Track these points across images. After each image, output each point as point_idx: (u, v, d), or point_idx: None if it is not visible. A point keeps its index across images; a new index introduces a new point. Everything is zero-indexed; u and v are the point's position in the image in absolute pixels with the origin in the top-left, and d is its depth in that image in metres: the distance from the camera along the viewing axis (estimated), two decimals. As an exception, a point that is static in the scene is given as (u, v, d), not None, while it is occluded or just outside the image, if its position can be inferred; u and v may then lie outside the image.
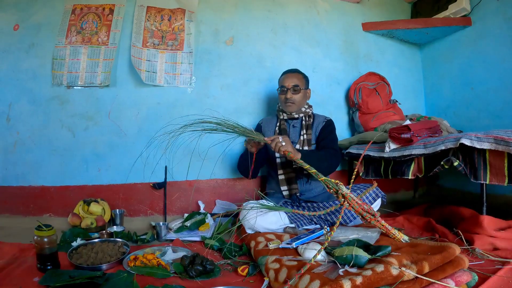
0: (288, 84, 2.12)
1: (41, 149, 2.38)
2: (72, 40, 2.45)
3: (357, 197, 1.58)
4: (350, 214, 1.86)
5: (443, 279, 1.16)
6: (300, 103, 2.15)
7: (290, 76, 2.15)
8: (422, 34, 2.90)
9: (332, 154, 2.01)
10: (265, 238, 1.71)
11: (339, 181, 1.57)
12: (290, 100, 2.12)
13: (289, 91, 2.11)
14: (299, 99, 2.13)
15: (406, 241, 1.51)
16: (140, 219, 2.44)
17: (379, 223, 1.55)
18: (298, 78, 2.15)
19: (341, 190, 1.53)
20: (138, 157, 2.39)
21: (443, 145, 1.77)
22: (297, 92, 2.12)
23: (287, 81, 2.13)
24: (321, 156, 1.94)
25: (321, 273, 1.18)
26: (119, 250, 1.65)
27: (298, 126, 2.20)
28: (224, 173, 2.60)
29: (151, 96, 2.49)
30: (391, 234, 1.54)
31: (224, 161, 2.56)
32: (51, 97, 2.40)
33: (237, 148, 2.51)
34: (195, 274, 1.40)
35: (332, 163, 1.99)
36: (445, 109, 2.92)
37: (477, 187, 2.48)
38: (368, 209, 1.56)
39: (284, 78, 2.17)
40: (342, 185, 1.54)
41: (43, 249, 1.44)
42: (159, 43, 2.52)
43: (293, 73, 2.18)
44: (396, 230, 1.55)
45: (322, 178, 1.59)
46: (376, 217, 1.55)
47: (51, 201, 2.36)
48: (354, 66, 2.94)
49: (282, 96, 2.15)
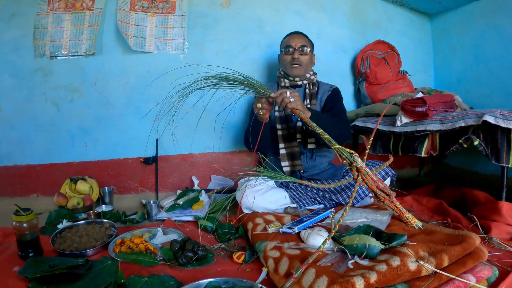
0: (295, 44, 1.93)
1: (25, 125, 2.25)
2: (54, 7, 2.25)
3: (372, 172, 1.41)
4: (357, 194, 1.71)
5: (462, 274, 1.03)
6: (306, 66, 1.97)
7: (296, 37, 1.97)
8: (435, 2, 2.71)
9: (344, 124, 1.83)
10: (264, 220, 1.58)
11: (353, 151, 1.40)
12: (297, 61, 1.92)
13: (296, 51, 1.92)
14: (306, 61, 1.95)
15: (419, 228, 1.38)
16: (130, 196, 2.34)
17: (393, 205, 1.40)
18: (305, 39, 1.98)
19: (355, 162, 1.36)
20: (128, 130, 2.28)
21: (463, 122, 1.60)
22: (305, 53, 1.94)
23: (294, 41, 1.95)
24: (332, 122, 1.72)
25: (328, 267, 1.03)
26: (106, 232, 1.56)
27: (301, 95, 2.00)
28: (220, 146, 2.45)
29: (140, 64, 2.32)
30: (404, 218, 1.40)
31: (220, 133, 2.40)
32: (34, 69, 2.25)
33: (235, 119, 2.39)
34: (185, 262, 1.28)
35: (343, 133, 1.78)
36: (456, 84, 2.78)
37: (487, 168, 2.43)
38: (384, 187, 1.40)
39: (290, 38, 1.99)
40: (358, 157, 1.37)
41: (24, 235, 1.34)
42: (148, 6, 2.30)
43: (299, 34, 2.00)
44: (410, 214, 1.41)
45: (336, 146, 1.39)
46: (391, 198, 1.40)
47: (38, 180, 2.26)
48: (362, 34, 2.77)
49: (288, 57, 1.95)
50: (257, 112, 1.64)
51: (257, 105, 1.61)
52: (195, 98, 1.59)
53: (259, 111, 1.62)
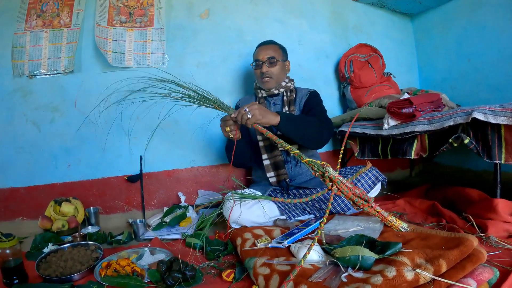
0: (262, 57, 1.90)
1: (6, 147, 2.17)
2: (32, 25, 2.20)
3: (347, 180, 1.38)
4: (344, 204, 1.67)
5: (462, 279, 0.98)
6: (278, 76, 1.93)
7: (264, 48, 1.93)
8: (415, 2, 2.72)
9: (322, 121, 1.76)
10: (253, 234, 1.52)
11: (326, 162, 1.37)
12: (266, 74, 1.89)
13: (264, 65, 1.89)
14: (277, 72, 1.91)
15: (405, 229, 1.34)
16: (117, 216, 2.25)
17: (373, 210, 1.36)
18: (273, 49, 1.93)
19: (327, 173, 1.33)
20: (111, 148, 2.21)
21: (452, 120, 1.57)
22: (274, 64, 1.90)
23: (261, 53, 1.91)
24: (307, 121, 1.68)
25: (320, 282, 0.98)
26: (91, 255, 1.51)
27: (279, 103, 1.98)
28: (205, 160, 2.41)
29: (120, 80, 2.18)
30: (388, 221, 1.37)
31: (205, 147, 2.38)
32: (13, 90, 2.18)
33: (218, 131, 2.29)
34: (173, 283, 1.21)
35: (323, 131, 1.73)
36: (441, 83, 2.78)
37: (478, 164, 2.41)
38: (360, 193, 1.36)
39: (257, 51, 1.96)
40: (329, 167, 1.34)
41: (7, 261, 1.31)
42: (126, 21, 2.26)
43: (267, 45, 1.96)
44: (393, 217, 1.38)
45: (306, 159, 1.36)
46: (370, 203, 1.36)
47: (22, 203, 2.17)
48: (344, 39, 2.76)
49: (258, 71, 1.93)
50: (226, 135, 1.63)
51: (225, 129, 1.60)
52: (177, 114, 1.55)
53: (228, 134, 1.61)
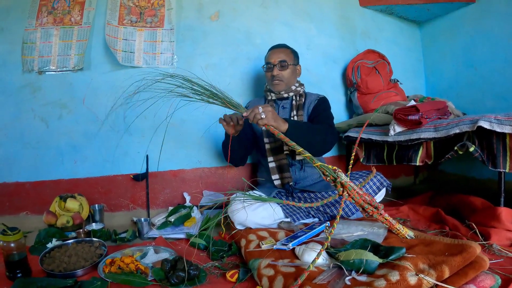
0: (274, 60, 1.92)
1: (13, 142, 2.20)
2: (43, 22, 2.23)
3: (358, 186, 1.39)
4: (352, 206, 1.68)
5: (464, 285, 1.00)
6: (288, 80, 1.95)
7: (276, 52, 1.95)
8: (423, 10, 2.73)
9: (327, 129, 1.78)
10: (257, 236, 1.53)
11: (337, 167, 1.37)
12: (277, 77, 1.92)
13: (275, 68, 1.91)
14: (288, 76, 1.93)
15: (412, 238, 1.35)
16: (121, 214, 2.27)
17: (382, 217, 1.37)
18: (285, 53, 1.95)
19: (339, 178, 1.34)
20: (117, 146, 2.23)
21: (457, 128, 1.58)
22: (285, 68, 1.91)
23: (273, 56, 1.94)
24: (314, 129, 1.69)
25: (324, 285, 0.99)
26: (95, 252, 1.52)
27: (288, 107, 2.00)
28: (212, 161, 2.42)
29: (129, 79, 2.22)
30: (395, 229, 1.37)
31: (211, 148, 2.39)
32: (22, 85, 2.21)
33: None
34: (177, 281, 1.23)
35: (327, 139, 1.75)
36: (447, 90, 2.77)
37: (482, 173, 2.41)
38: (370, 200, 1.37)
39: (269, 54, 1.97)
40: (341, 172, 1.35)
41: (11, 255, 1.31)
42: (137, 20, 2.28)
43: (279, 48, 1.98)
44: (400, 224, 1.38)
45: (318, 163, 1.37)
46: (379, 210, 1.37)
47: (27, 198, 2.19)
48: (351, 44, 2.76)
49: (269, 74, 1.95)
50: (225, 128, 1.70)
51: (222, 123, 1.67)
52: (184, 114, 1.56)
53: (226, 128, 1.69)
